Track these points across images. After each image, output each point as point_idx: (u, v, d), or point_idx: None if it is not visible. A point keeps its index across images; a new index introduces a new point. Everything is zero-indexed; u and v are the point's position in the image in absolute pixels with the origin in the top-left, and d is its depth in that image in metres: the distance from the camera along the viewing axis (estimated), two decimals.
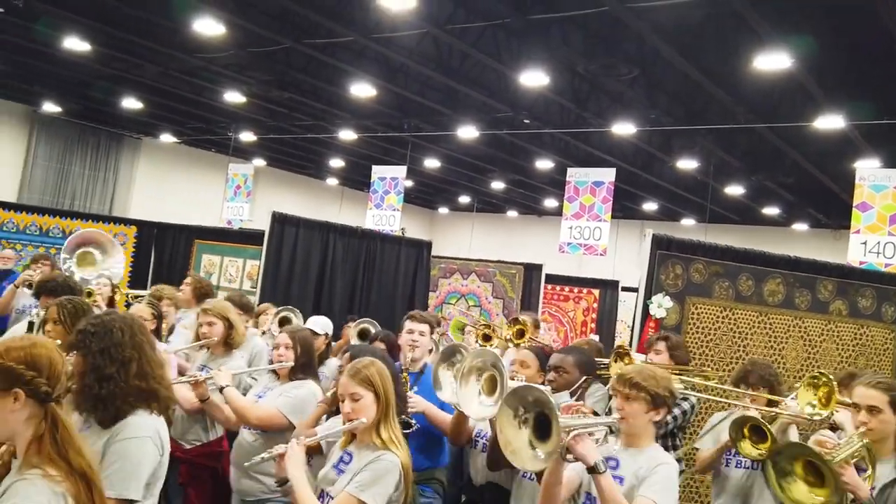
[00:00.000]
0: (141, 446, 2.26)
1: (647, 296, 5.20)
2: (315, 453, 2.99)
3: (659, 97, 10.66)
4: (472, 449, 3.50)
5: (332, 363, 4.73)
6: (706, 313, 5.26)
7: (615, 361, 4.15)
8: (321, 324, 4.94)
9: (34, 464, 1.80)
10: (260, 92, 12.97)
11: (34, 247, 7.20)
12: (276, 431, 3.39)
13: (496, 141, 14.45)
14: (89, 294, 4.82)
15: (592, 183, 11.58)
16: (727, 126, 10.88)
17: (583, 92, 11.11)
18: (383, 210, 14.43)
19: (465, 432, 3.40)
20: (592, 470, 2.45)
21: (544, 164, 15.76)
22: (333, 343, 5.57)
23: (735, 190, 15.55)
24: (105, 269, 6.21)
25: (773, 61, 8.01)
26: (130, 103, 14.87)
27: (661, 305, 5.14)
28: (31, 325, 3.86)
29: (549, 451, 2.35)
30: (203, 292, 5.80)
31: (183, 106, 14.99)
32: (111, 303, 5.18)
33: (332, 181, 23.48)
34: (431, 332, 4.18)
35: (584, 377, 3.32)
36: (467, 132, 13.37)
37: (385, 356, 3.28)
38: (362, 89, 11.58)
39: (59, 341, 2.38)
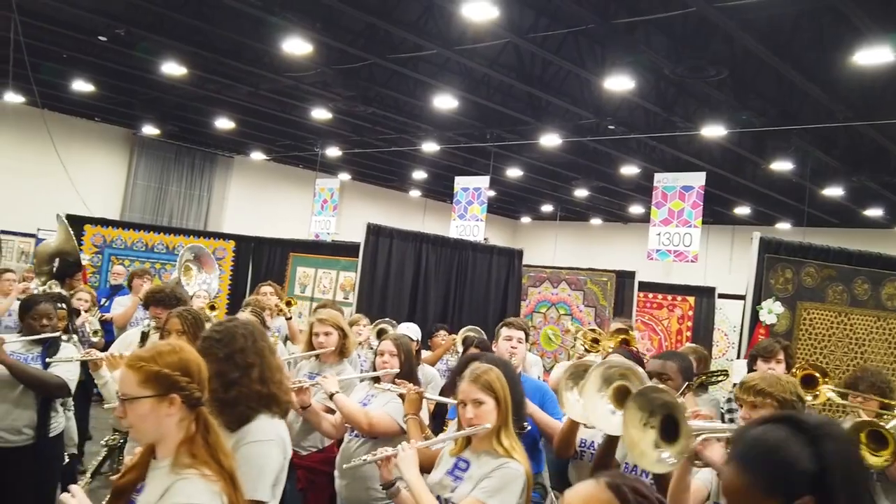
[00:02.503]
0: (266, 449, 2.33)
1: (756, 301, 5.00)
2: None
3: (750, 98, 10.31)
4: (577, 460, 3.41)
5: (425, 369, 4.77)
6: (819, 319, 5.01)
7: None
8: (412, 330, 4.97)
9: (187, 464, 1.87)
10: (345, 108, 13.25)
11: (140, 262, 7.58)
12: (384, 437, 3.40)
13: (580, 148, 14.29)
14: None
15: (681, 188, 11.30)
16: (825, 125, 10.42)
17: (669, 95, 10.87)
18: (467, 220, 14.50)
19: (573, 443, 3.32)
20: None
21: (630, 170, 15.48)
22: (423, 350, 5.61)
23: (834, 191, 14.85)
24: (201, 283, 6.47)
25: (874, 56, 7.62)
26: (223, 123, 15.48)
27: (772, 311, 4.94)
28: (144, 334, 4.05)
29: (677, 452, 2.27)
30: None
31: (272, 124, 15.49)
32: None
33: (416, 193, 23.74)
34: (527, 340, 4.15)
35: (686, 383, 3.21)
36: (550, 140, 13.27)
37: (507, 364, 3.23)
38: (444, 101, 11.67)
39: None
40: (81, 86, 13.25)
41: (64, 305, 4.26)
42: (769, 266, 5.05)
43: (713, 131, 11.33)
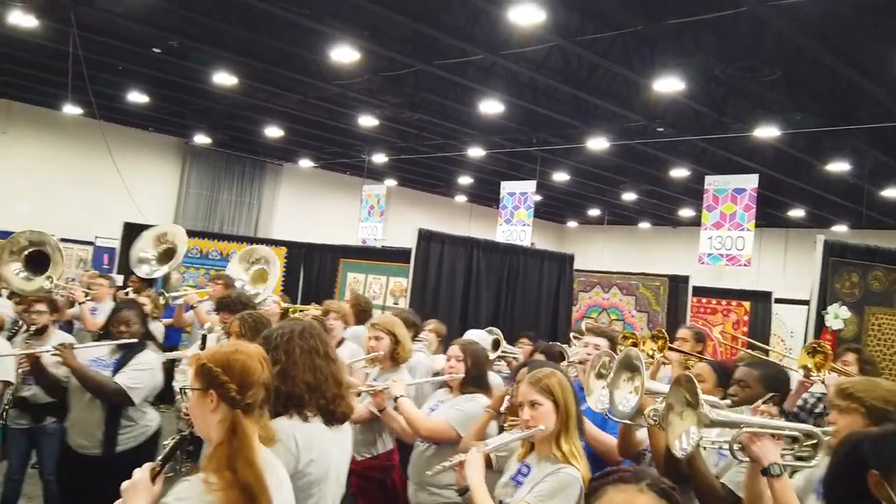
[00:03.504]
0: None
1: (821, 306, 4.86)
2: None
3: (804, 97, 10.05)
4: (640, 463, 3.36)
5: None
6: (889, 324, 4.84)
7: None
8: (479, 337, 4.87)
9: (205, 468, 1.88)
10: (392, 114, 13.35)
11: (195, 269, 7.74)
12: (447, 443, 3.39)
13: (628, 151, 14.13)
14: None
15: (733, 190, 11.06)
16: (884, 124, 10.09)
17: (720, 96, 10.68)
18: (513, 225, 14.44)
19: (633, 444, 3.20)
20: (765, 472, 2.26)
21: (679, 173, 15.24)
22: None
23: (893, 192, 14.39)
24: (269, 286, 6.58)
25: None
26: (272, 131, 15.74)
27: (838, 316, 4.79)
28: (204, 337, 4.14)
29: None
30: (362, 309, 5.97)
31: (320, 132, 15.69)
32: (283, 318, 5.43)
33: (461, 198, 23.76)
34: (614, 349, 4.07)
35: (770, 394, 3.02)
36: (597, 144, 13.15)
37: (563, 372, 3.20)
38: (490, 106, 11.67)
39: None
40: (136, 97, 13.62)
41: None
42: (834, 270, 4.89)
43: (766, 132, 11.08)
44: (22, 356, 4.02)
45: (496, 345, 4.49)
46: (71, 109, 14.31)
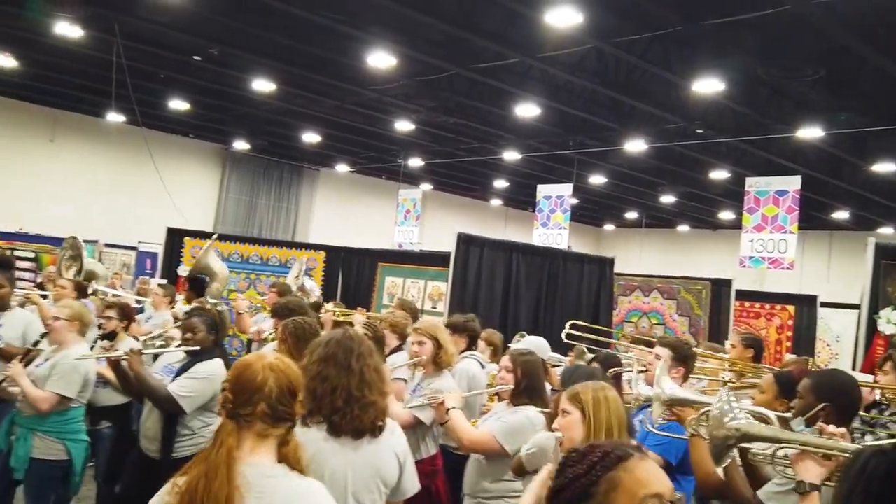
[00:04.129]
0: None
1: (873, 310, 4.73)
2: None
3: (848, 97, 9.83)
4: None
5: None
6: None
7: None
8: (536, 345, 4.70)
9: (182, 470, 1.92)
10: (427, 118, 13.39)
11: (236, 273, 7.83)
12: (496, 456, 3.35)
13: (666, 153, 13.96)
14: None
15: (775, 192, 10.85)
16: None
17: (762, 96, 10.49)
18: (550, 229, 14.37)
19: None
20: (796, 488, 2.20)
21: (719, 175, 15.02)
22: None
23: None
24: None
25: None
26: (310, 137, 15.90)
27: (891, 321, 4.66)
28: (249, 343, 4.19)
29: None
30: (412, 316, 5.97)
31: (357, 136, 15.80)
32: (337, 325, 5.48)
33: (497, 202, 23.73)
34: (676, 357, 3.98)
35: (823, 404, 2.88)
36: (635, 146, 13.03)
37: (607, 377, 3.13)
38: (526, 109, 11.63)
39: None
40: (177, 104, 13.88)
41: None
42: (886, 273, 4.76)
43: (809, 133, 10.86)
44: (98, 359, 4.13)
45: None
46: (115, 117, 14.63)
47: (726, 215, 20.27)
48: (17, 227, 12.56)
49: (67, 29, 9.50)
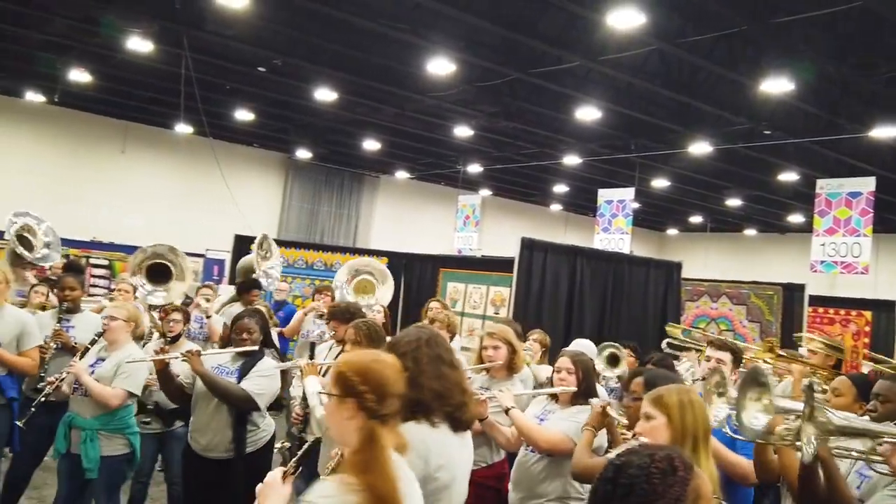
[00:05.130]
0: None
1: None
2: None
3: None
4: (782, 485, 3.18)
5: None
6: None
7: None
8: (585, 348, 4.73)
9: (341, 470, 1.91)
10: (487, 124, 13.39)
11: (301, 279, 7.97)
12: (560, 455, 3.35)
13: (732, 155, 13.62)
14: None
15: (847, 194, 10.51)
16: None
17: (833, 96, 10.15)
18: (611, 233, 14.19)
19: (771, 466, 2.97)
20: None
21: (788, 177, 14.59)
22: None
23: None
24: (380, 297, 6.74)
25: None
26: (370, 144, 16.09)
27: None
28: (312, 346, 4.26)
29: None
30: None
31: (416, 143, 15.91)
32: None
33: (556, 207, 23.55)
34: (737, 364, 3.89)
35: None
36: (699, 148, 12.76)
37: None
38: (587, 113, 11.52)
39: None
40: (243, 114, 14.22)
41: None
42: None
43: (883, 132, 10.46)
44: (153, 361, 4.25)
45: (613, 360, 4.29)
46: (183, 128, 15.09)
47: (796, 218, 19.67)
48: (91, 236, 13.04)
49: (139, 44, 9.84)
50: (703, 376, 3.83)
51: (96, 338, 4.32)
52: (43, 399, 4.17)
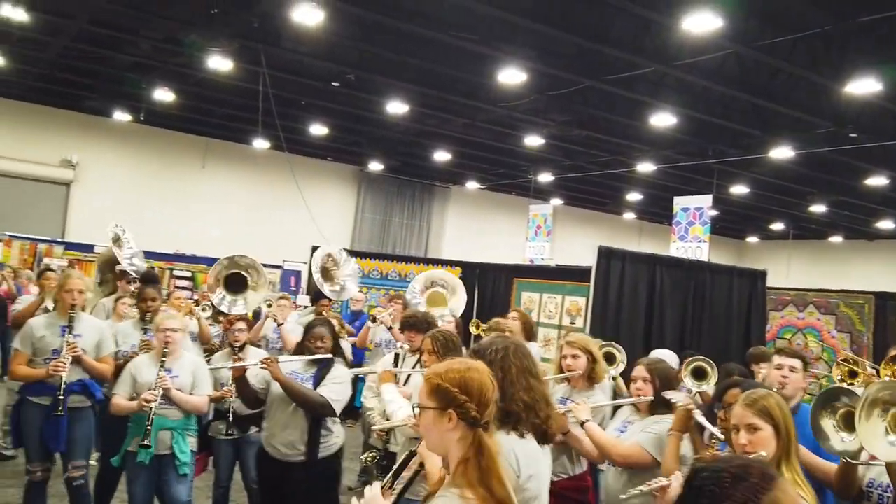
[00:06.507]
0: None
1: None
2: None
3: None
4: (864, 502, 3.05)
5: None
6: None
7: None
8: (666, 357, 4.52)
9: (458, 484, 1.88)
10: (558, 133, 13.29)
11: (376, 289, 8.07)
12: (640, 468, 3.28)
13: (815, 160, 13.13)
14: None
15: None
16: None
17: None
18: (688, 242, 13.82)
19: (854, 483, 2.95)
20: None
21: (877, 181, 13.98)
22: None
23: None
24: (452, 308, 6.76)
25: None
26: (441, 156, 16.19)
27: None
28: (396, 356, 4.31)
29: None
30: (530, 326, 5.97)
31: (487, 154, 15.93)
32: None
33: (630, 215, 23.16)
34: (805, 369, 3.76)
35: None
36: (780, 153, 12.35)
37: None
38: (662, 119, 11.30)
39: None
40: (317, 129, 14.54)
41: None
42: None
43: None
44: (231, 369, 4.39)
45: (700, 374, 4.14)
46: (260, 143, 15.53)
47: (886, 224, 18.81)
48: (173, 248, 13.52)
49: (219, 62, 10.19)
50: (779, 386, 3.68)
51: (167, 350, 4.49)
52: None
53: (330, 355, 4.04)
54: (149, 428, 4.02)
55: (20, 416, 4.41)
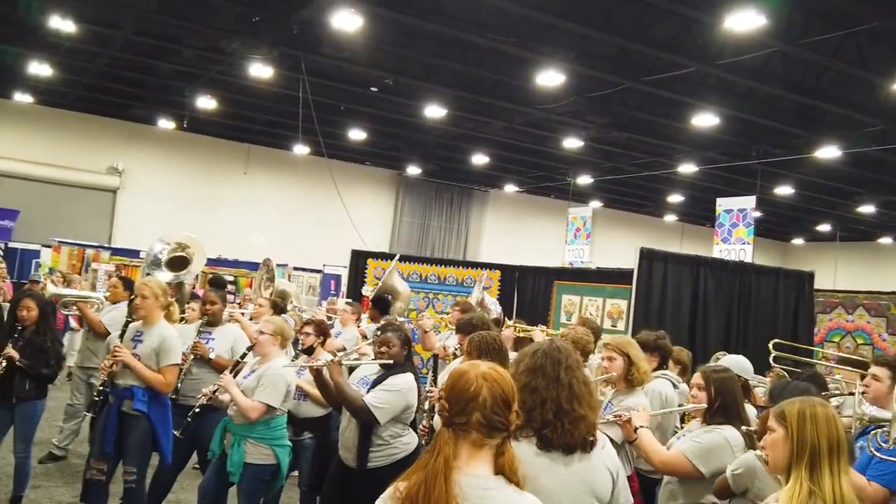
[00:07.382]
0: None
1: None
2: None
3: None
4: None
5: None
6: None
7: None
8: (734, 363, 4.32)
9: (402, 476, 1.88)
10: (597, 135, 13.19)
11: (415, 293, 8.07)
12: (687, 477, 3.21)
13: (863, 159, 12.81)
14: None
15: None
16: None
17: None
18: (731, 244, 13.58)
19: None
20: None
21: None
22: None
23: None
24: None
25: None
26: (479, 159, 16.19)
27: None
28: (435, 357, 4.32)
29: None
30: (593, 333, 5.89)
31: (525, 157, 15.87)
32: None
33: (671, 217, 22.86)
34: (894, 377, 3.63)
35: None
36: (827, 153, 12.07)
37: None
38: (704, 119, 11.14)
39: None
40: (356, 134, 14.67)
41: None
42: None
43: None
44: (300, 368, 4.45)
45: None
46: (301, 149, 15.72)
47: None
48: (216, 253, 13.74)
49: (260, 70, 10.35)
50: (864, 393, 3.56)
51: (246, 351, 4.53)
52: (197, 409, 4.42)
53: (390, 361, 3.98)
54: (189, 419, 4.42)
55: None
